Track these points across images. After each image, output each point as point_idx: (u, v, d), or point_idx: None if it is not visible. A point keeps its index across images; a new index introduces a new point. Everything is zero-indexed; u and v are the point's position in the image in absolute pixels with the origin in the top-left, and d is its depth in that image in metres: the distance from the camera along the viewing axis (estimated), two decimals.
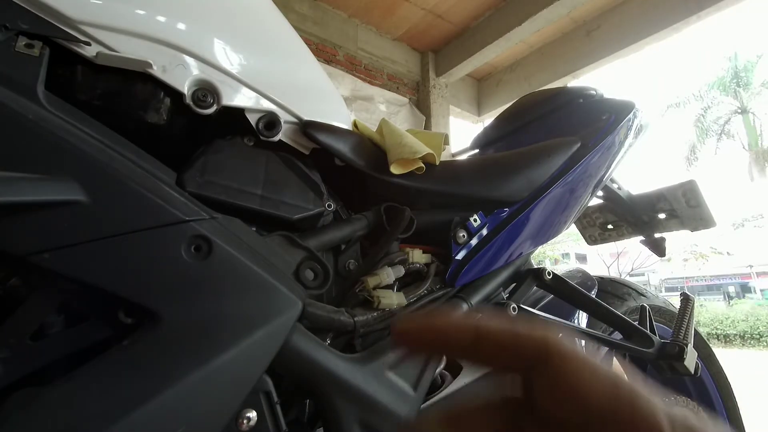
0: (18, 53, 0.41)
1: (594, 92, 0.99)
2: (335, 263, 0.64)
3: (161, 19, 0.50)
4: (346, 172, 0.64)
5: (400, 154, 0.63)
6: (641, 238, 1.14)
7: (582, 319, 0.91)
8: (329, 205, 0.62)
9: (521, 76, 4.77)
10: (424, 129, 4.44)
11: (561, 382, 0.15)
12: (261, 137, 0.57)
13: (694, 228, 1.05)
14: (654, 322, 0.91)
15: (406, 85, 4.62)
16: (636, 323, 0.86)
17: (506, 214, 0.73)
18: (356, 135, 0.66)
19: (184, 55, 0.51)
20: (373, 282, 0.58)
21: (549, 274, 0.76)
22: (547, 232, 0.79)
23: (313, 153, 0.62)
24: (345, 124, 0.66)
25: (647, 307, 0.94)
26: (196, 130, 0.57)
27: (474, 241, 0.69)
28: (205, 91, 0.52)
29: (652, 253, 1.14)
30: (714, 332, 10.81)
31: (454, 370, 0.72)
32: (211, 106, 0.52)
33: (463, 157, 1.12)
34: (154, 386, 0.38)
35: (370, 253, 0.63)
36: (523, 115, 1.03)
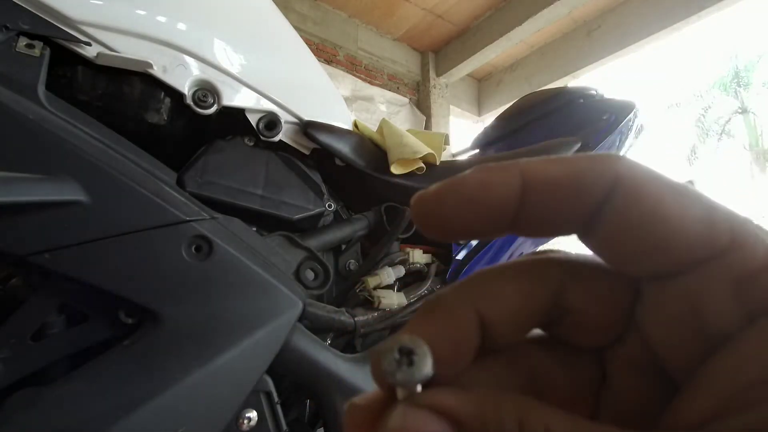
0: (19, 53, 0.41)
1: (594, 92, 0.99)
2: (336, 263, 0.64)
3: (162, 19, 0.50)
4: (347, 172, 0.64)
5: (400, 154, 0.63)
6: None
7: None
8: (330, 205, 0.62)
9: (521, 76, 4.77)
10: (425, 129, 4.44)
11: (637, 210, 0.10)
12: (261, 137, 0.57)
13: None
14: None
15: (406, 85, 4.62)
16: None
17: None
18: (356, 135, 0.66)
19: (185, 56, 0.51)
20: (374, 282, 0.58)
21: None
22: None
23: (314, 153, 0.62)
24: (345, 124, 0.66)
25: None
26: (197, 131, 0.57)
27: (474, 241, 0.69)
28: (206, 91, 0.52)
29: None
30: None
31: None
32: (211, 106, 0.52)
33: (464, 157, 1.12)
34: (155, 386, 0.38)
35: (371, 253, 0.63)
36: (523, 116, 1.03)
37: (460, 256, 0.67)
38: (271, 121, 0.57)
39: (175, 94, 0.51)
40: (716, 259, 0.10)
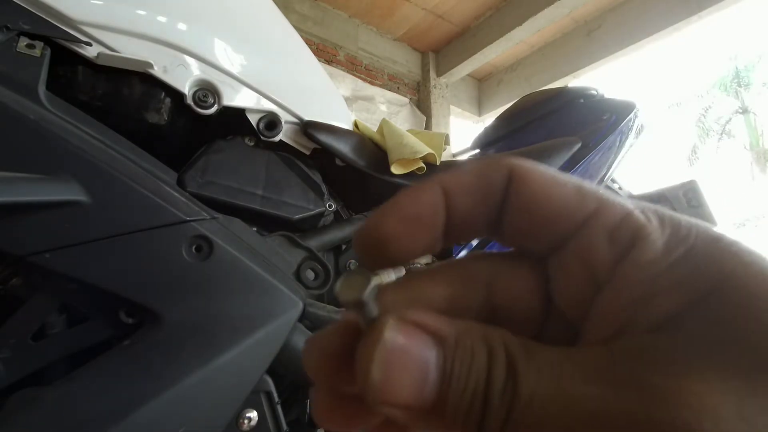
0: (19, 53, 0.41)
1: (595, 92, 0.98)
2: (336, 263, 0.64)
3: (162, 19, 0.50)
4: (347, 172, 0.64)
5: (401, 154, 0.63)
6: None
7: None
8: (330, 205, 0.62)
9: (522, 76, 4.77)
10: (425, 129, 4.44)
11: (525, 197, 0.13)
12: (262, 137, 0.57)
13: None
14: None
15: (406, 85, 4.62)
16: None
17: None
18: (357, 135, 0.66)
19: (185, 56, 0.51)
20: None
21: None
22: None
23: (314, 153, 0.62)
24: (346, 124, 0.66)
25: None
26: (197, 131, 0.57)
27: (475, 242, 0.69)
28: (206, 91, 0.52)
29: None
30: None
31: None
32: (212, 106, 0.52)
33: (464, 157, 1.12)
34: (155, 386, 0.38)
35: None
36: (523, 115, 1.03)
37: (460, 256, 0.67)
38: (272, 121, 0.57)
39: (176, 94, 0.51)
40: (592, 218, 0.13)
